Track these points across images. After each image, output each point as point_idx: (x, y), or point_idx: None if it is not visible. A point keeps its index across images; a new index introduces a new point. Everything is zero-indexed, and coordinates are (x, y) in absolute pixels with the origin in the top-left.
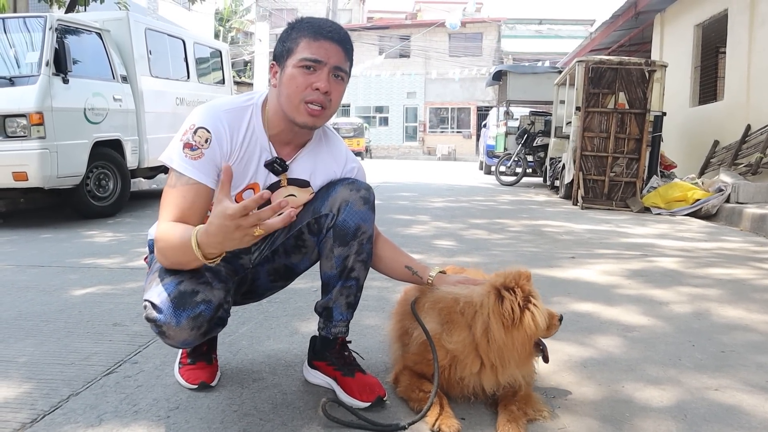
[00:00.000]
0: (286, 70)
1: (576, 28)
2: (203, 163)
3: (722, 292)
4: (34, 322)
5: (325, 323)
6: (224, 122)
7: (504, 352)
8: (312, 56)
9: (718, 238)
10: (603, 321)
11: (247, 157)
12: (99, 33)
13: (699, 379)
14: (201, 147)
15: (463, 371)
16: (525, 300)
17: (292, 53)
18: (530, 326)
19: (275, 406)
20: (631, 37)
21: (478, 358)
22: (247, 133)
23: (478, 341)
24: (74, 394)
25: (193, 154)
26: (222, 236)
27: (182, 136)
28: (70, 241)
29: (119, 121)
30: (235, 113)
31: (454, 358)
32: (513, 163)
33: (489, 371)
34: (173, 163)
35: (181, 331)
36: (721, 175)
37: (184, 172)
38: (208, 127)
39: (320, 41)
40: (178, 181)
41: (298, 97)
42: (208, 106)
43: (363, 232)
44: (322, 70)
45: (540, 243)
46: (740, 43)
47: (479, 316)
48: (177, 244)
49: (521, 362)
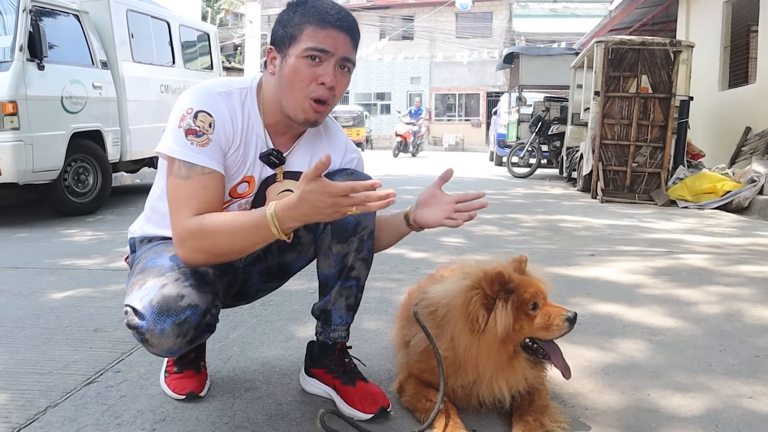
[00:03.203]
0: (288, 60)
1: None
2: (212, 149)
3: (755, 292)
4: (8, 327)
5: (324, 327)
6: (222, 105)
7: (473, 360)
8: (318, 46)
9: (750, 233)
10: (626, 323)
11: (246, 146)
12: (77, 15)
13: (731, 386)
14: (206, 132)
15: (459, 380)
16: (492, 298)
17: (295, 41)
18: (493, 329)
19: (269, 417)
20: (655, 16)
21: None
22: (244, 120)
23: (452, 348)
24: (52, 406)
25: (199, 140)
26: (311, 209)
27: (179, 122)
28: (48, 241)
29: (99, 110)
30: (231, 97)
31: (449, 365)
32: (526, 154)
33: (478, 380)
34: (175, 152)
35: (165, 338)
36: (753, 165)
37: (196, 162)
38: (208, 111)
39: (327, 29)
40: (191, 171)
41: (302, 92)
42: (200, 88)
43: (364, 227)
44: (328, 62)
45: (556, 240)
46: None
47: (450, 320)
48: (239, 227)
49: (500, 369)
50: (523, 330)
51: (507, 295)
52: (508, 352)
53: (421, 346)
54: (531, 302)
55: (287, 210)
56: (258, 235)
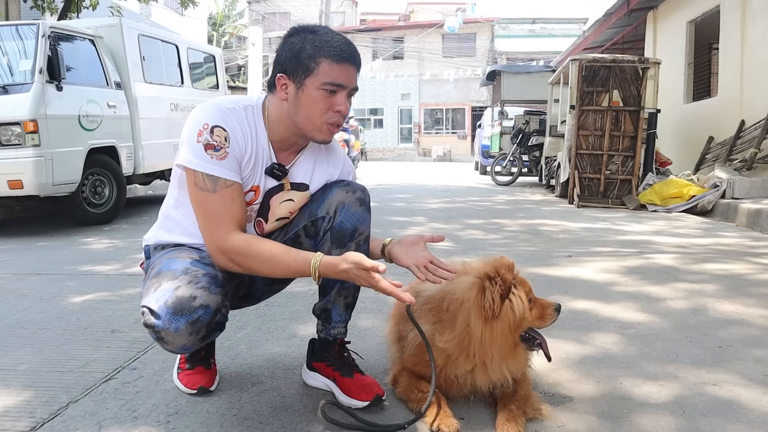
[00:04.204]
0: (306, 90)
1: (569, 27)
2: (230, 162)
3: (719, 288)
4: (32, 330)
5: (324, 325)
6: (233, 120)
7: (485, 347)
8: (336, 81)
9: (714, 234)
10: (600, 318)
11: (254, 159)
12: (92, 39)
13: (697, 375)
14: (223, 146)
15: (457, 369)
16: (506, 290)
17: (312, 73)
18: (508, 316)
19: (274, 409)
20: (625, 35)
21: (468, 356)
22: (251, 134)
23: (461, 338)
24: (73, 402)
25: (218, 154)
26: (347, 276)
27: (197, 137)
28: (67, 249)
29: (114, 127)
30: (239, 113)
31: (448, 357)
32: (508, 163)
33: (479, 368)
34: (198, 166)
35: (179, 336)
36: (716, 171)
37: (219, 175)
38: (223, 125)
39: (342, 65)
40: (216, 184)
41: (320, 119)
42: (212, 105)
43: (360, 233)
44: (342, 93)
45: (537, 242)
46: (733, 39)
47: (461, 311)
48: (286, 263)
49: (505, 356)
50: (526, 319)
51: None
52: (514, 339)
53: (417, 341)
54: (529, 296)
55: (328, 269)
56: (296, 274)
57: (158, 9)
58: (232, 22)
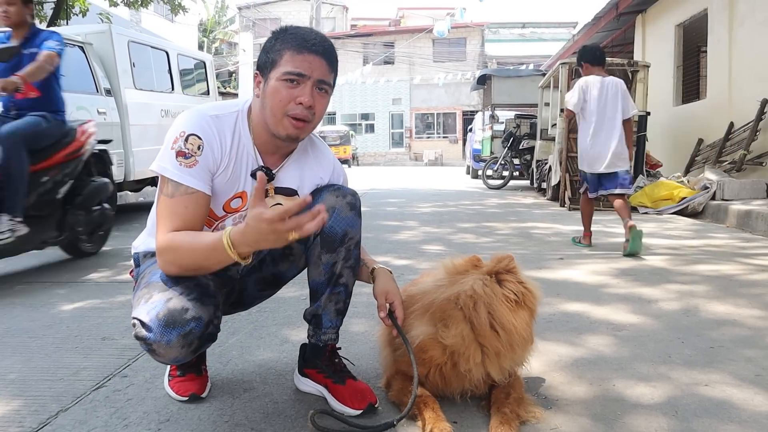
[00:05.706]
0: (270, 83)
1: (559, 31)
2: (198, 171)
3: (710, 289)
4: (21, 338)
5: (315, 330)
6: (213, 128)
7: (512, 336)
8: (295, 70)
9: (704, 235)
10: (593, 320)
11: (237, 164)
12: (82, 46)
13: (689, 375)
14: (194, 155)
15: (467, 363)
16: (520, 280)
17: (275, 65)
18: (532, 303)
19: (267, 415)
20: (614, 39)
21: (479, 348)
22: (234, 140)
23: (479, 330)
24: (63, 410)
25: (187, 162)
26: (257, 237)
27: (173, 144)
28: (57, 256)
29: (104, 134)
30: (222, 119)
31: (453, 352)
32: (499, 167)
33: (493, 358)
34: (167, 172)
35: (171, 349)
36: (706, 173)
37: (181, 181)
38: (198, 134)
39: (304, 54)
40: (176, 190)
41: (281, 110)
42: (194, 112)
43: (350, 238)
44: (305, 84)
45: (528, 245)
46: (720, 42)
47: (480, 304)
48: (202, 247)
49: (526, 343)
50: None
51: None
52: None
53: (414, 345)
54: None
55: (238, 235)
56: (216, 256)
57: (148, 15)
58: (222, 28)
